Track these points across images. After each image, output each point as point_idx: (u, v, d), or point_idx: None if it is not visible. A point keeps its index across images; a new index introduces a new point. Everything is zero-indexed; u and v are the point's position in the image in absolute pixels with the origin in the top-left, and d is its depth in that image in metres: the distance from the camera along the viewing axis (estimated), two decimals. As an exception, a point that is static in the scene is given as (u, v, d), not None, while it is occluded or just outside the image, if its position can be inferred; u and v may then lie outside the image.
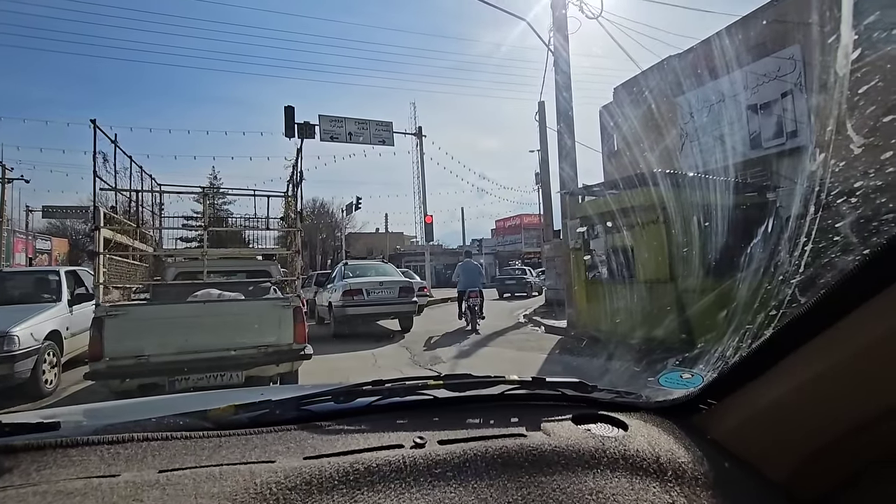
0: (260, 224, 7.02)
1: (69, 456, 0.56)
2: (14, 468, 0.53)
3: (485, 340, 8.32)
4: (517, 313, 12.95)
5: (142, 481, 0.52)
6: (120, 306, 4.10)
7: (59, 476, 0.53)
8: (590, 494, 0.55)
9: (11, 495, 0.49)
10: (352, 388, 0.78)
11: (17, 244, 27.93)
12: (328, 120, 18.86)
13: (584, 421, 0.71)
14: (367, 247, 41.94)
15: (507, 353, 7.19)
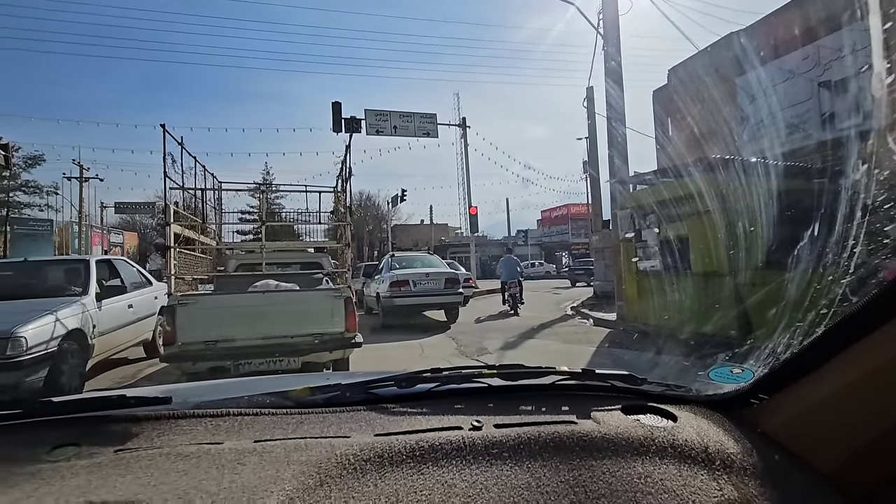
0: (311, 218, 7.34)
1: (180, 426, 0.66)
2: (140, 434, 0.63)
3: (531, 333, 8.28)
4: (564, 305, 12.76)
5: (242, 448, 0.60)
6: (189, 296, 4.43)
7: (176, 442, 0.62)
8: (638, 478, 0.57)
9: (143, 455, 0.58)
10: (412, 375, 0.84)
11: (94, 238, 30.51)
12: (374, 114, 19.20)
13: (633, 412, 0.73)
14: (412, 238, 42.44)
15: (554, 345, 7.13)
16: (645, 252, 7.85)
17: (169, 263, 4.54)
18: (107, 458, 0.58)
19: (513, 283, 11.14)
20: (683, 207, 6.43)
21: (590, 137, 13.83)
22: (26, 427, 0.66)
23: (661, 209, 7.09)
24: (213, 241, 6.75)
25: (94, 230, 31.31)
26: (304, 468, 0.55)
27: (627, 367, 0.93)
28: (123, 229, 37.38)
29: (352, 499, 0.52)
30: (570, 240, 44.46)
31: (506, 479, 0.56)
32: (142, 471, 0.54)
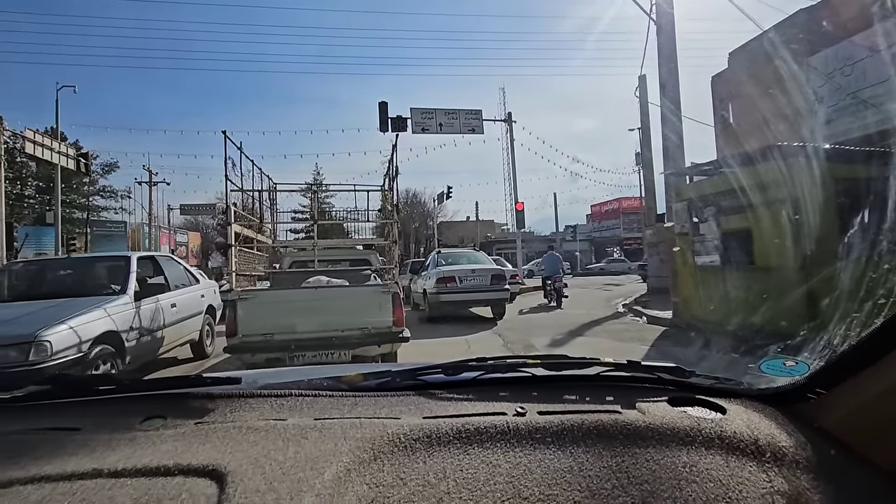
0: (360, 216, 7.54)
1: (249, 403, 0.73)
2: (215, 409, 0.71)
3: (580, 330, 8.08)
4: (615, 302, 12.34)
5: (304, 425, 0.66)
6: (249, 291, 4.67)
7: (246, 417, 0.69)
8: (682, 467, 0.57)
9: (219, 428, 0.65)
10: (459, 363, 0.87)
11: (161, 238, 32.82)
12: (419, 112, 19.36)
13: (680, 403, 0.72)
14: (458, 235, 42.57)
15: (605, 343, 6.92)
16: (703, 246, 7.45)
17: (230, 261, 4.81)
18: (189, 429, 0.65)
19: (557, 277, 11.79)
20: (748, 198, 6.03)
21: (642, 128, 13.26)
22: (121, 401, 0.76)
23: (722, 200, 6.69)
24: (269, 239, 7.07)
25: (162, 230, 33.67)
26: (359, 444, 0.59)
27: (685, 366, 0.89)
28: (188, 229, 39.97)
29: (403, 472, 0.55)
30: (622, 235, 42.93)
31: (548, 463, 0.57)
32: (219, 440, 0.61)
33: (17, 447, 0.60)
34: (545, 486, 0.53)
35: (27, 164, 26.72)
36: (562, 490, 0.53)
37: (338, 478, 0.53)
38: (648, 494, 0.53)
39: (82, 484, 0.51)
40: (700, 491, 0.53)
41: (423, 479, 0.54)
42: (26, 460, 0.56)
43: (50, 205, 22.44)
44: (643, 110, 12.98)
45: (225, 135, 4.98)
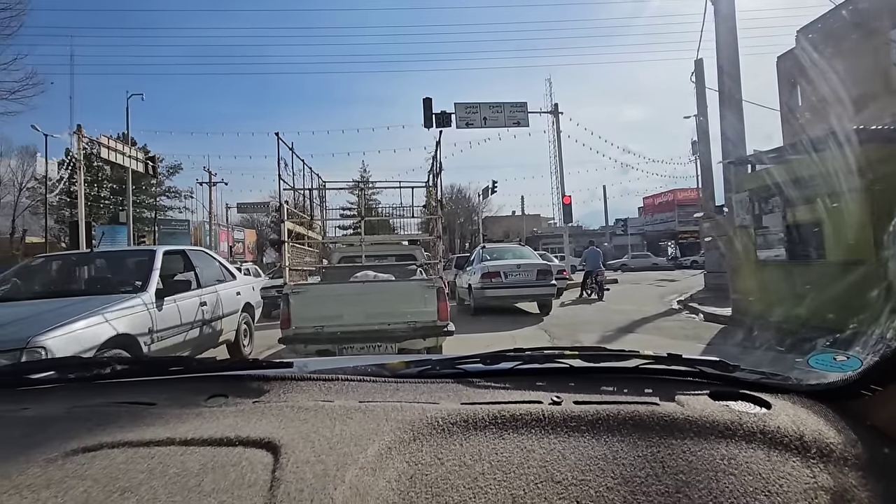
0: (405, 212, 7.65)
1: (300, 386, 0.80)
2: (270, 390, 0.78)
3: (631, 327, 7.81)
4: (669, 299, 11.83)
5: (349, 406, 0.70)
6: (301, 285, 4.85)
7: (297, 398, 0.75)
8: (721, 459, 0.56)
9: (273, 406, 0.72)
10: (497, 353, 0.89)
11: (221, 235, 34.71)
12: (463, 107, 19.29)
13: (722, 398, 0.70)
14: (503, 230, 42.24)
15: (657, 341, 6.65)
16: (766, 239, 6.99)
17: (283, 256, 5.01)
18: (247, 407, 0.72)
19: (599, 271, 12.29)
20: (819, 187, 5.58)
21: (699, 115, 12.56)
22: (189, 380, 0.85)
23: (789, 191, 6.23)
24: (319, 235, 7.30)
25: (221, 228, 35.61)
26: (400, 425, 0.63)
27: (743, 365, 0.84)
28: (244, 227, 42.06)
29: (440, 453, 0.58)
30: (677, 228, 40.95)
31: (583, 450, 0.58)
32: (273, 417, 0.67)
33: (103, 417, 0.68)
34: (578, 472, 0.54)
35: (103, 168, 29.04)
36: (594, 476, 0.54)
37: (380, 454, 0.57)
38: (683, 484, 0.53)
39: (158, 450, 0.58)
40: (738, 483, 0.53)
41: (460, 459, 0.57)
42: (112, 428, 0.64)
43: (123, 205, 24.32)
44: (700, 96, 12.28)
45: (278, 137, 5.19)
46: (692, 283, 14.93)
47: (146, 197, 33.75)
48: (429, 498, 0.51)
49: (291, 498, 0.48)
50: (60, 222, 28.16)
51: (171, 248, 5.22)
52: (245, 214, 42.80)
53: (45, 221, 26.10)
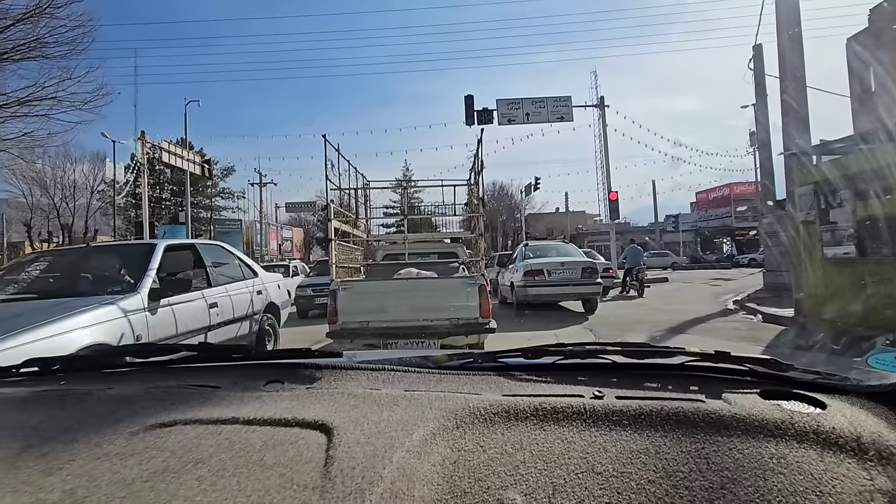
0: (447, 210, 7.70)
1: (349, 375, 0.84)
2: (322, 378, 0.83)
3: (682, 328, 7.48)
4: (724, 299, 11.24)
5: (395, 395, 0.73)
6: (347, 282, 4.98)
7: (347, 386, 0.79)
8: (769, 458, 0.54)
9: (325, 392, 0.77)
10: (538, 348, 0.91)
11: (271, 234, 36.20)
12: (505, 104, 19.11)
13: (773, 397, 0.67)
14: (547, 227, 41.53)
15: (710, 342, 6.33)
16: (833, 236, 6.49)
17: (330, 254, 5.17)
18: (301, 392, 0.77)
19: (640, 269, 12.47)
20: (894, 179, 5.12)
21: (758, 104, 11.84)
22: (249, 367, 0.92)
23: (861, 182, 5.75)
24: (364, 233, 7.46)
25: (271, 227, 37.13)
26: (443, 413, 0.65)
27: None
28: (292, 226, 43.65)
29: (482, 441, 0.59)
30: (734, 224, 38.83)
31: (624, 444, 0.58)
32: (326, 402, 0.71)
33: (176, 397, 0.75)
34: (619, 464, 0.54)
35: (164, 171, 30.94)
36: (636, 469, 0.54)
37: (424, 439, 0.59)
38: (729, 481, 0.52)
39: (225, 427, 0.63)
40: (787, 482, 0.51)
41: (502, 447, 0.58)
42: (184, 407, 0.71)
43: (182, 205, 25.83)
44: (758, 84, 11.56)
45: (325, 139, 5.36)
46: (749, 283, 14.13)
47: (202, 198, 35.70)
48: (471, 482, 0.52)
49: (344, 475, 0.51)
50: (127, 222, 30.28)
51: (176, 243, 4.72)
52: (293, 213, 44.42)
53: (114, 222, 28.19)
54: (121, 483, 0.51)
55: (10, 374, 0.93)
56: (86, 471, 0.54)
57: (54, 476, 0.53)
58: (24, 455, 0.58)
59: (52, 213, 29.84)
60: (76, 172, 30.55)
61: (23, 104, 9.67)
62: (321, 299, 9.54)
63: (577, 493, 0.50)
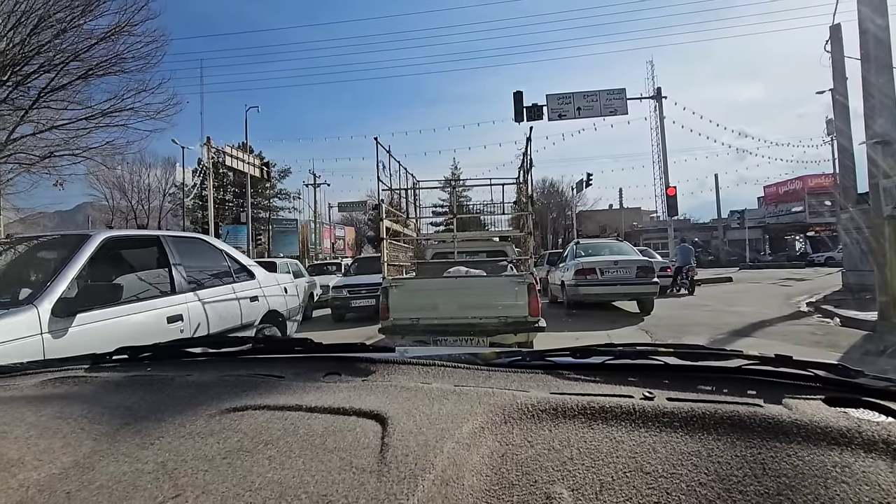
0: (496, 209, 7.67)
1: (401, 369, 0.89)
2: (376, 371, 0.88)
3: (747, 331, 7.03)
4: (796, 300, 10.45)
5: (445, 389, 0.76)
6: (398, 279, 5.10)
7: (399, 379, 0.84)
8: (833, 466, 0.51)
9: (380, 385, 0.81)
10: (587, 347, 0.90)
11: (325, 233, 37.48)
12: (556, 98, 18.73)
13: (839, 404, 0.64)
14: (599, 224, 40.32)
15: (779, 346, 5.90)
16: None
17: (383, 253, 5.30)
18: (358, 384, 0.81)
19: (690, 267, 12.76)
20: None
21: (836, 89, 10.90)
22: (310, 359, 0.98)
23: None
24: (414, 232, 7.58)
25: (325, 226, 38.47)
26: (492, 408, 0.66)
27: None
28: (344, 225, 45.03)
29: (530, 436, 0.60)
30: (808, 220, 35.92)
31: (675, 445, 0.57)
32: (380, 394, 0.75)
33: (246, 385, 0.82)
34: (669, 465, 0.54)
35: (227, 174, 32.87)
36: (687, 470, 0.53)
37: (474, 432, 0.60)
38: (786, 487, 0.50)
39: (289, 413, 0.68)
40: (851, 492, 0.48)
41: (549, 444, 0.58)
42: (253, 394, 0.77)
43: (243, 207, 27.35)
44: (836, 67, 10.63)
45: (377, 141, 5.50)
46: (826, 283, 13.06)
47: (261, 199, 37.60)
48: (519, 475, 0.53)
49: (398, 461, 0.54)
50: (195, 223, 32.46)
51: (121, 235, 3.58)
52: (345, 213, 45.82)
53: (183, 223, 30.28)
54: (203, 458, 0.57)
55: (105, 360, 1.05)
56: (174, 447, 0.61)
57: (147, 450, 0.60)
58: (122, 431, 0.66)
59: (130, 214, 32.49)
60: (150, 177, 33.22)
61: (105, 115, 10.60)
62: (359, 301, 9.18)
63: (624, 492, 0.50)
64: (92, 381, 0.89)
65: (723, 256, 33.25)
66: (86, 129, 10.58)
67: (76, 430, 0.66)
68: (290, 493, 0.50)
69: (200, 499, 0.50)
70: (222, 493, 0.51)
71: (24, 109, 9.77)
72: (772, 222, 38.56)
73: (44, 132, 10.18)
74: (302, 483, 0.51)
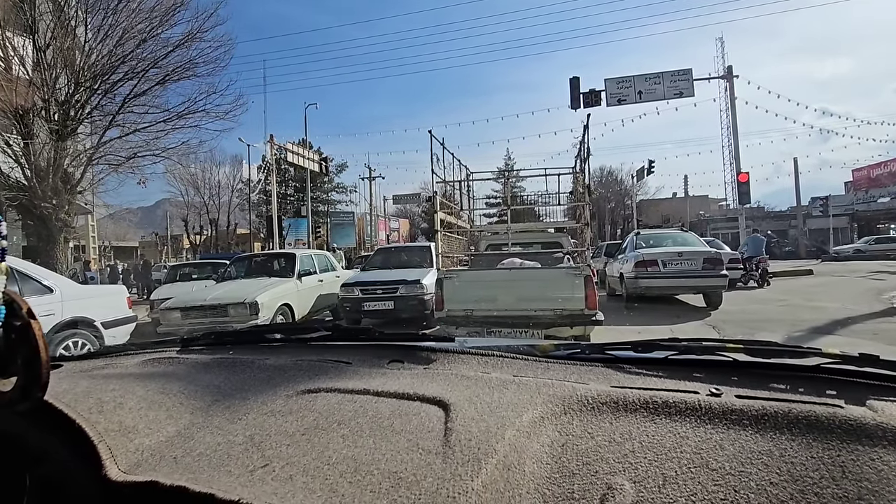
0: (551, 199, 7.50)
1: (461, 359, 0.90)
2: (437, 360, 0.91)
3: (829, 328, 6.45)
4: (890, 296, 9.44)
5: (504, 379, 0.77)
6: (452, 271, 5.14)
7: (460, 368, 0.86)
8: None
9: (441, 372, 0.83)
10: (649, 342, 0.88)
11: (380, 225, 38.37)
12: (615, 83, 17.97)
13: None
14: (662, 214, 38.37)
15: (866, 345, 5.36)
16: None
17: (437, 244, 5.36)
18: (420, 372, 0.84)
19: (762, 258, 12.03)
20: None
21: (941, 58, 9.62)
22: (375, 347, 1.02)
23: None
24: (467, 224, 7.59)
25: (380, 218, 39.39)
26: (551, 399, 0.66)
27: None
28: (398, 217, 45.87)
29: (590, 428, 0.60)
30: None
31: (743, 443, 0.54)
32: (442, 381, 0.77)
33: (318, 369, 0.87)
34: (737, 463, 0.52)
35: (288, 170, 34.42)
36: (756, 469, 0.51)
37: (533, 421, 0.61)
38: (868, 492, 0.47)
39: (359, 397, 0.71)
40: None
41: (610, 436, 0.58)
42: (324, 378, 0.81)
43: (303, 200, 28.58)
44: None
45: (430, 133, 5.55)
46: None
47: (320, 192, 39.07)
48: (579, 465, 0.53)
49: (462, 445, 0.55)
50: (259, 217, 34.32)
51: None
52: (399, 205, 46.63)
53: (249, 216, 32.22)
54: (285, 434, 0.62)
55: (195, 342, 1.15)
56: (258, 422, 0.66)
57: (236, 424, 0.66)
58: (213, 406, 0.73)
59: (203, 209, 34.91)
60: (220, 174, 35.48)
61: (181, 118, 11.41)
62: (373, 304, 7.01)
63: (689, 487, 0.49)
64: (184, 361, 0.98)
65: (801, 249, 30.56)
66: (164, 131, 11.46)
67: (176, 404, 0.73)
68: (363, 468, 0.53)
69: (286, 469, 0.54)
70: (304, 465, 0.55)
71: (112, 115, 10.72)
72: (862, 209, 34.88)
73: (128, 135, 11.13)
74: (374, 460, 0.54)
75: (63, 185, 9.78)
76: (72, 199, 10.18)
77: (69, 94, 9.97)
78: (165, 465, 0.58)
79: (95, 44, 10.30)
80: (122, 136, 11.11)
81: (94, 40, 10.31)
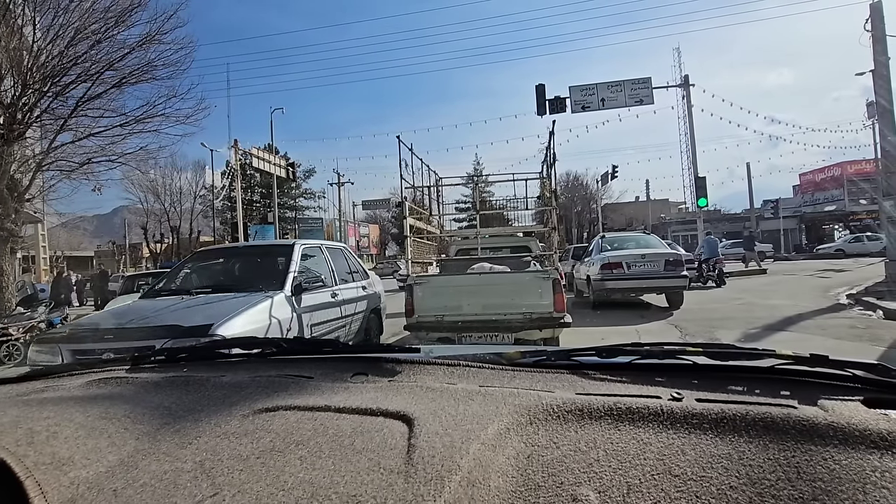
0: (519, 204, 7.63)
1: (427, 369, 0.89)
2: (402, 372, 0.88)
3: (782, 325, 6.79)
4: (835, 293, 10.03)
5: (469, 389, 0.76)
6: (422, 276, 5.14)
7: (425, 379, 0.84)
8: (872, 471, 0.49)
9: (406, 385, 0.81)
10: (613, 346, 0.89)
11: (349, 231, 38.01)
12: (579, 90, 18.44)
13: (879, 405, 0.61)
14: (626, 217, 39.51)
15: (816, 341, 5.68)
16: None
17: (406, 250, 5.34)
18: (384, 384, 0.82)
19: (718, 259, 12.68)
20: None
21: (877, 70, 10.35)
22: (338, 360, 0.99)
23: None
24: (437, 229, 7.61)
25: (349, 224, 39.01)
26: (517, 409, 0.66)
27: None
28: (368, 223, 45.52)
29: (556, 437, 0.60)
30: (848, 208, 34.33)
31: (704, 447, 0.56)
32: (406, 394, 0.75)
33: (277, 385, 0.83)
34: (698, 468, 0.52)
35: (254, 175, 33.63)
36: (717, 474, 0.51)
37: (499, 433, 0.60)
38: (821, 492, 0.48)
39: (319, 414, 0.69)
40: (892, 498, 0.47)
41: (575, 445, 0.58)
42: (284, 394, 0.78)
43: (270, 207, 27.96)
44: (877, 48, 10.11)
45: (398, 139, 5.55)
46: (867, 274, 12.47)
47: (287, 199, 38.33)
48: (545, 477, 0.53)
49: (425, 462, 0.54)
50: (224, 223, 33.32)
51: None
52: (369, 211, 46.33)
53: (213, 223, 31.20)
54: (238, 458, 0.59)
55: (145, 361, 1.08)
56: (210, 446, 0.63)
57: (186, 449, 0.62)
58: (162, 430, 0.68)
59: (164, 216, 33.60)
60: (181, 180, 34.07)
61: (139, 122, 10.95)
62: None
63: (652, 494, 0.49)
64: (133, 381, 0.91)
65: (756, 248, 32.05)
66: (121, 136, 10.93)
67: (120, 430, 0.68)
68: (321, 493, 0.51)
69: (237, 498, 0.51)
70: (257, 492, 0.52)
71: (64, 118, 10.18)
72: (809, 211, 36.96)
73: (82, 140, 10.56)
74: (332, 483, 0.52)
75: (9, 193, 9.21)
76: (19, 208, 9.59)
77: (15, 96, 9.43)
78: (104, 499, 0.53)
79: (45, 44, 9.78)
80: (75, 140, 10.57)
81: (43, 40, 9.79)
